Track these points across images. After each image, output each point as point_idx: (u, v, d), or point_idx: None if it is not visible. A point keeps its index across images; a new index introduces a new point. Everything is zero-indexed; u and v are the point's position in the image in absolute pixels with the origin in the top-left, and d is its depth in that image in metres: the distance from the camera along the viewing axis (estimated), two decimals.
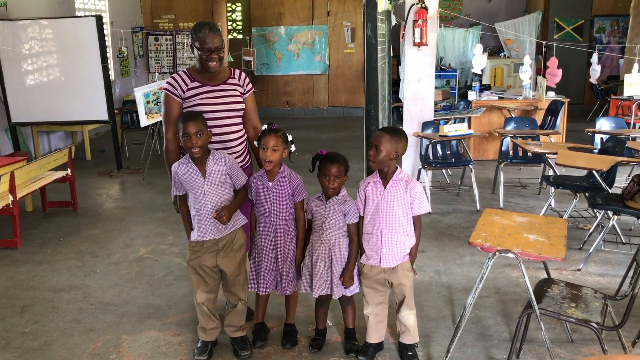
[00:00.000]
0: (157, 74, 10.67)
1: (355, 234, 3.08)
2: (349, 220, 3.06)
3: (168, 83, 3.24)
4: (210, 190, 2.98)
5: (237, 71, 3.40)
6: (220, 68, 3.27)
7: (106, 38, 8.60)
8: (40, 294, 4.08)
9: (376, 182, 3.01)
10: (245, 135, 3.41)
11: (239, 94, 3.33)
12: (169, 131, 3.23)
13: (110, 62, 10.22)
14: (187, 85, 3.22)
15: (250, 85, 3.42)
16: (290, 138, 3.10)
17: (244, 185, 3.11)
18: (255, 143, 3.13)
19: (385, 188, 2.98)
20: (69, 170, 5.96)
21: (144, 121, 6.88)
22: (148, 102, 6.91)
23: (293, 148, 3.14)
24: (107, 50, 8.41)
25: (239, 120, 3.33)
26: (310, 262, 3.11)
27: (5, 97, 7.51)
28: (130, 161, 8.50)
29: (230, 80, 3.32)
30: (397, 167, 3.01)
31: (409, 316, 3.11)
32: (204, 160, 3.00)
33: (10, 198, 4.91)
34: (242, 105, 3.33)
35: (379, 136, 2.95)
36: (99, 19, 7.41)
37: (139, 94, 6.82)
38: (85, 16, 8.75)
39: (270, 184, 3.09)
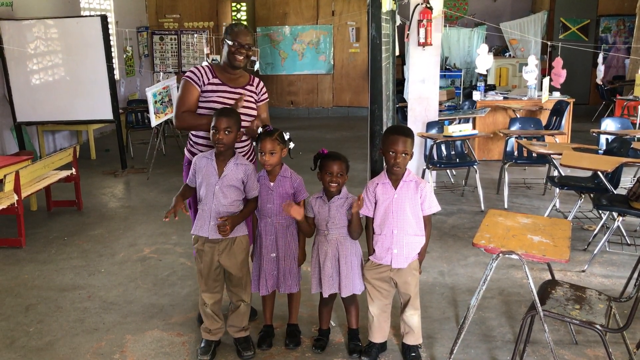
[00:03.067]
0: (161, 73, 10.69)
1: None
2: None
3: (191, 72, 3.32)
4: (219, 192, 3.00)
5: (257, 79, 3.50)
6: (241, 72, 3.41)
7: (111, 38, 8.62)
8: (45, 293, 4.10)
9: (385, 183, 3.01)
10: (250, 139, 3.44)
11: (253, 101, 3.40)
12: (181, 110, 3.28)
13: (115, 61, 10.25)
14: (209, 79, 3.31)
15: (265, 95, 3.51)
16: (287, 136, 3.10)
17: (255, 198, 3.11)
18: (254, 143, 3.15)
19: (395, 189, 2.98)
20: (73, 170, 5.97)
21: (154, 121, 6.92)
22: (156, 102, 6.94)
23: (292, 145, 3.15)
24: (112, 49, 8.42)
25: (248, 124, 3.32)
26: (318, 263, 3.11)
27: (10, 97, 7.53)
28: (134, 160, 8.52)
29: (248, 87, 3.40)
30: (406, 168, 3.02)
31: (413, 316, 3.10)
32: (226, 160, 3.02)
33: (15, 197, 4.93)
34: (254, 112, 3.37)
35: (403, 141, 2.91)
36: (104, 19, 7.42)
37: (149, 93, 6.87)
38: (90, 16, 8.78)
39: (272, 184, 3.10)
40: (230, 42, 3.25)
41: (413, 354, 3.13)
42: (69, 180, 5.96)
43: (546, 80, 7.54)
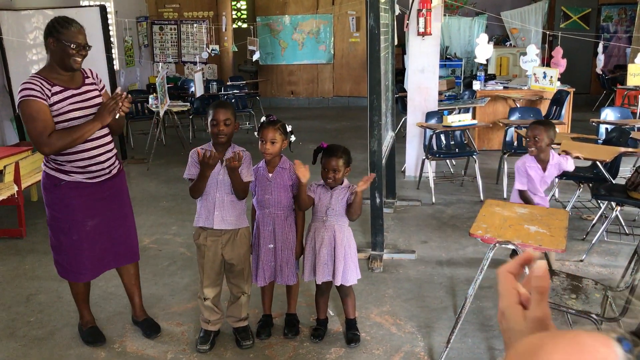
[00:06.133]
0: (161, 63, 10.68)
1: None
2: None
3: (28, 89, 2.84)
4: (223, 179, 3.01)
5: (88, 69, 3.14)
6: None
7: (110, 28, 8.60)
8: (45, 283, 4.12)
9: (535, 166, 3.77)
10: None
11: (98, 93, 3.11)
12: (45, 134, 2.84)
13: (115, 52, 10.23)
14: (49, 89, 2.90)
15: (102, 82, 3.20)
16: (289, 128, 3.12)
17: (247, 183, 3.08)
18: None
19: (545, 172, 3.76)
20: None
21: (161, 110, 7.39)
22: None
23: (293, 138, 3.16)
24: (112, 40, 8.42)
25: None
26: (313, 249, 3.13)
27: (10, 87, 7.53)
28: (134, 151, 8.52)
29: (87, 81, 3.08)
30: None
31: None
32: (224, 150, 3.03)
33: (16, 188, 4.94)
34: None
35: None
36: (103, 9, 7.40)
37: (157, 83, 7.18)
38: (89, 6, 8.76)
39: (270, 175, 3.11)
40: (67, 44, 2.86)
41: None
42: None
43: (554, 73, 7.44)
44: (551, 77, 7.38)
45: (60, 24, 2.91)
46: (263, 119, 3.12)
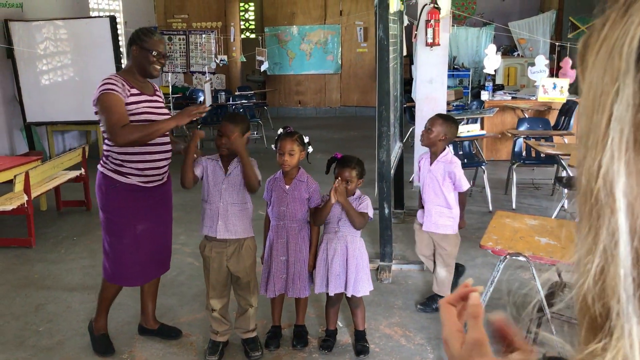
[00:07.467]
0: (170, 73, 10.73)
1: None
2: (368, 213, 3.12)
3: (109, 83, 3.01)
4: (227, 189, 3.02)
5: (155, 85, 3.34)
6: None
7: (120, 38, 8.67)
8: (54, 293, 4.13)
9: (425, 157, 3.68)
10: None
11: (164, 106, 3.31)
12: (120, 125, 2.94)
13: (124, 61, 10.29)
14: (128, 89, 3.06)
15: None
16: (307, 139, 3.12)
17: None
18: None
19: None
20: (82, 170, 6.01)
21: None
22: None
23: (311, 149, 3.16)
24: (121, 50, 8.47)
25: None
26: (325, 261, 3.12)
27: (20, 97, 7.59)
28: None
29: (157, 93, 3.27)
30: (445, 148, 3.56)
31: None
32: (231, 160, 3.05)
33: (25, 197, 4.96)
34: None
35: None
36: (112, 19, 7.48)
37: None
38: (99, 16, 8.83)
39: (287, 187, 3.11)
40: (149, 51, 3.05)
41: None
42: (78, 181, 6.00)
43: (564, 82, 7.38)
44: (561, 87, 7.34)
45: (145, 33, 3.12)
46: (280, 130, 3.12)
